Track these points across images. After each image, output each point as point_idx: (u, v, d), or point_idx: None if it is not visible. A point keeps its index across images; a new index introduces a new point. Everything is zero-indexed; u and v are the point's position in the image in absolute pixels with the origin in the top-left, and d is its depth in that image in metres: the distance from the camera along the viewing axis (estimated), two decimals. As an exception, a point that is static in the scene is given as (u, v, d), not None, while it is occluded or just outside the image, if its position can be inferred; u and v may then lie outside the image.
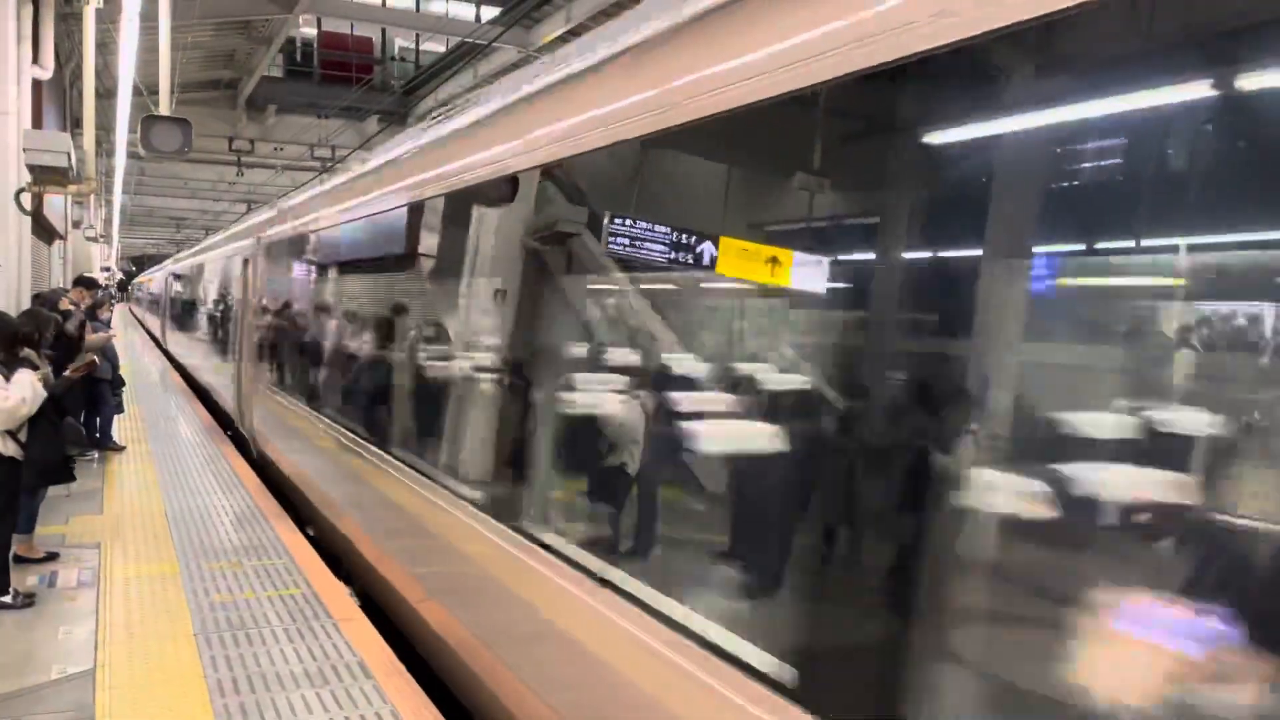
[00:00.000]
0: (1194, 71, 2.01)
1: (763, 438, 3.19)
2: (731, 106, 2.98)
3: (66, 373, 6.66)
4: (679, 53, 3.44)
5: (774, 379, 3.28)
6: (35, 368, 5.99)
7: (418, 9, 21.62)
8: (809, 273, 3.09)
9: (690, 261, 3.51)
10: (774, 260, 3.16)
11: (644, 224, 3.57)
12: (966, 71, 2.36)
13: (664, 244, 3.55)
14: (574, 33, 15.14)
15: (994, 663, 2.43)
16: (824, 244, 3.09)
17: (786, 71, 2.75)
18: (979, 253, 2.46)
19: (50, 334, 6.66)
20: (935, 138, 2.58)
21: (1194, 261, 2.16)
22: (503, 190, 4.66)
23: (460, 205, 5.31)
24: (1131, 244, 2.35)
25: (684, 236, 3.49)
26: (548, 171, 4.28)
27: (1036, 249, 2.37)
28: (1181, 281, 2.19)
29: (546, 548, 3.96)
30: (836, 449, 2.83)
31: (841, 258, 3.04)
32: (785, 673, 2.63)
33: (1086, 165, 2.36)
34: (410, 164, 6.32)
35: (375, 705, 4.46)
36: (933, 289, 2.65)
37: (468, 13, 21.69)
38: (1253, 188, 2.01)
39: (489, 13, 20.20)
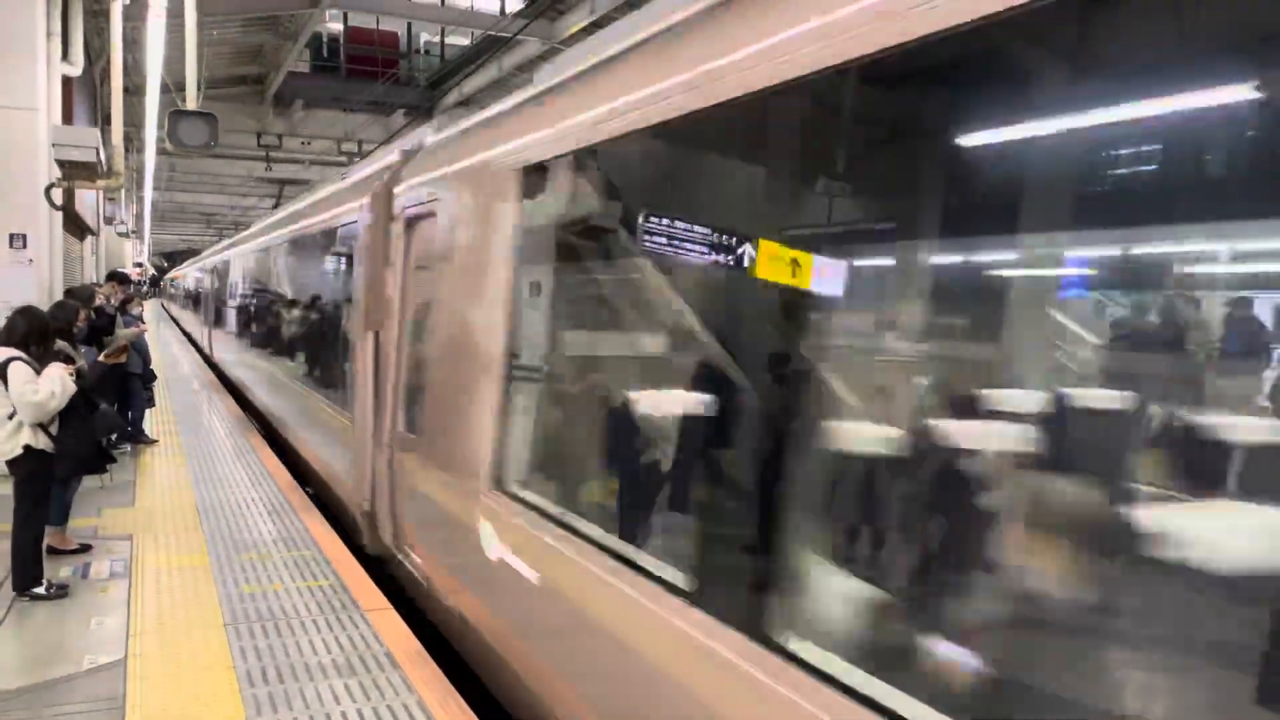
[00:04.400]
0: None
1: None
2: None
3: (99, 357, 6.72)
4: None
5: None
6: (71, 359, 6.04)
7: (443, 3, 21.61)
8: None
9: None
10: None
11: None
12: None
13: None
14: (598, 24, 15.06)
15: None
16: None
17: None
18: None
19: (83, 322, 6.75)
20: None
21: None
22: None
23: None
24: None
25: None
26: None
27: None
28: None
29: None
30: None
31: None
32: None
33: None
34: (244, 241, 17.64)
35: (402, 696, 4.46)
36: None
37: (492, 5, 21.67)
38: None
39: (514, 4, 20.20)
